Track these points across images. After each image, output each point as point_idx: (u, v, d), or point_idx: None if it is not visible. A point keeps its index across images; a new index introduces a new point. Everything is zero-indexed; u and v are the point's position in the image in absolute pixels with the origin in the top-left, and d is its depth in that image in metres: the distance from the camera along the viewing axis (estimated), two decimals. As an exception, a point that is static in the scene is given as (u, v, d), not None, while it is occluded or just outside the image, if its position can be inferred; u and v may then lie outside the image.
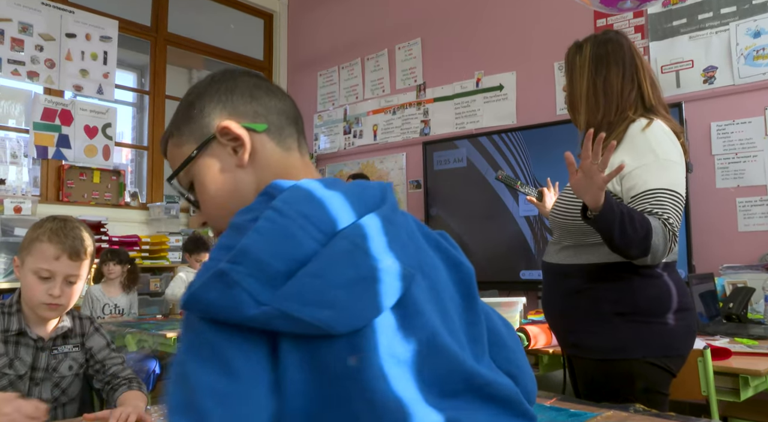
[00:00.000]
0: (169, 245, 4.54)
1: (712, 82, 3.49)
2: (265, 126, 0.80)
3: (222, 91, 0.81)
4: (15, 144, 4.18)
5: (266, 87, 0.83)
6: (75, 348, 1.63)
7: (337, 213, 0.65)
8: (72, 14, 4.58)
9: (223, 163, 0.79)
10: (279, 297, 0.59)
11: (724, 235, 3.34)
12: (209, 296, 0.59)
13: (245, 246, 0.60)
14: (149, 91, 5.19)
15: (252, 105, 0.81)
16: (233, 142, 0.79)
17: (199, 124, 0.80)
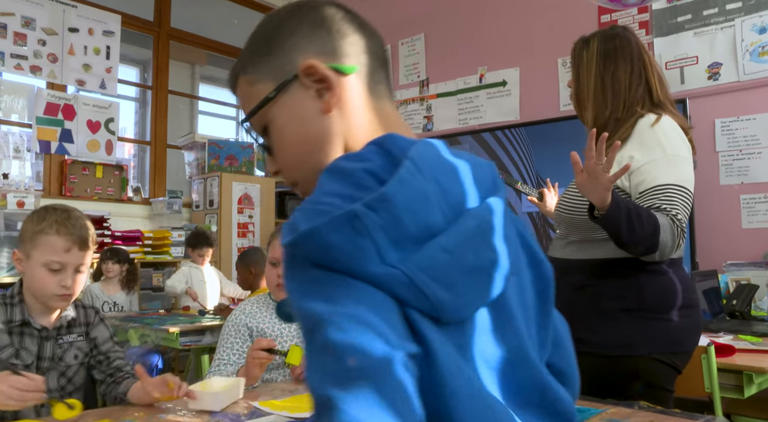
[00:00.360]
0: (172, 240, 4.54)
1: (717, 78, 3.47)
2: (355, 67, 0.69)
3: (307, 24, 0.70)
4: (18, 138, 4.18)
5: (358, 22, 0.72)
6: (79, 337, 1.63)
7: (466, 188, 0.60)
8: (75, 9, 4.57)
9: (305, 108, 0.69)
10: (409, 262, 0.53)
11: (728, 232, 3.33)
12: (331, 238, 0.51)
13: (387, 195, 0.53)
14: (152, 86, 5.18)
15: (340, 42, 0.70)
16: (318, 83, 0.68)
17: (280, 60, 0.70)
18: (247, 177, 4.98)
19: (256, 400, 1.40)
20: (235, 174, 4.91)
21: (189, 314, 3.33)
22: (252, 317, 1.78)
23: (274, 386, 1.60)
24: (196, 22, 5.48)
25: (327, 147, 0.69)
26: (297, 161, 0.72)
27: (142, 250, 4.44)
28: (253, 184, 4.95)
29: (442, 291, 0.53)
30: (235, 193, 4.82)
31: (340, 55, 0.69)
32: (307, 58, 0.68)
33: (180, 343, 2.73)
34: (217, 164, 4.91)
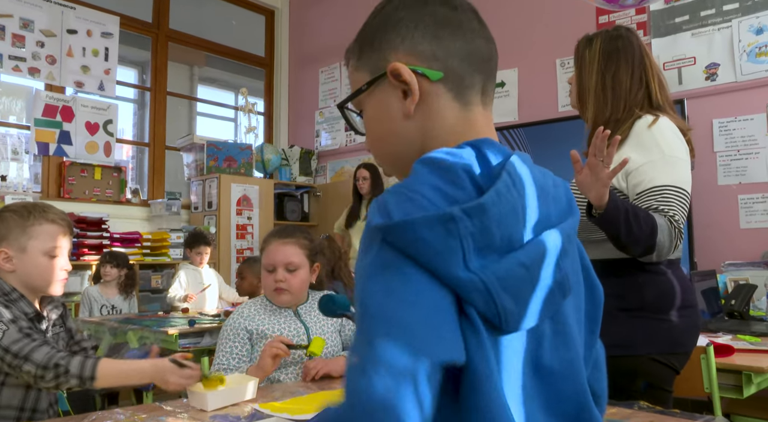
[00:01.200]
0: (171, 242, 4.54)
1: (715, 78, 3.48)
2: (440, 74, 0.69)
3: (405, 22, 0.71)
4: (16, 140, 4.18)
5: (457, 22, 0.71)
6: (61, 328, 1.69)
7: (548, 208, 0.65)
8: (73, 10, 4.57)
9: (391, 106, 0.71)
10: (488, 271, 0.56)
11: (726, 232, 3.34)
12: (425, 234, 0.55)
13: (485, 205, 0.57)
14: (150, 88, 5.18)
15: (432, 45, 0.70)
16: (404, 85, 0.69)
17: (377, 55, 0.72)
18: (245, 178, 4.98)
19: (256, 402, 1.40)
20: (234, 175, 4.91)
21: (188, 316, 3.32)
22: (251, 320, 1.78)
23: (275, 387, 1.60)
24: (194, 24, 5.48)
25: (407, 146, 0.71)
26: (380, 150, 0.76)
27: (141, 252, 4.44)
28: (251, 186, 4.95)
29: (510, 302, 0.57)
30: (234, 194, 4.82)
31: (428, 59, 0.69)
32: (398, 58, 0.70)
33: (179, 345, 2.73)
34: (215, 165, 4.91)
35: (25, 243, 1.55)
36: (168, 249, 4.53)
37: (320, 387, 1.59)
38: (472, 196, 0.59)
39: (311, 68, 5.75)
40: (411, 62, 0.69)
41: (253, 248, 4.88)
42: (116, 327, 2.95)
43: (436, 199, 0.57)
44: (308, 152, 5.56)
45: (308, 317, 1.83)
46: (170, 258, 4.53)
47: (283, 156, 5.53)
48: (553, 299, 0.62)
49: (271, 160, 5.32)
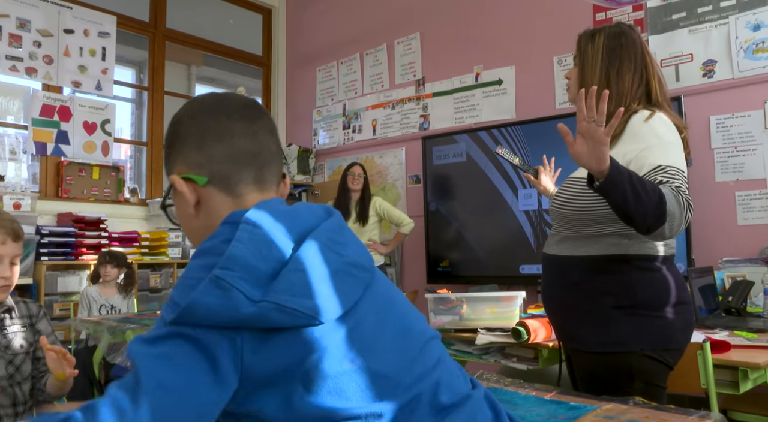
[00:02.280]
0: (169, 241, 4.55)
1: (712, 75, 3.48)
2: (205, 179, 0.82)
3: (181, 136, 0.85)
4: (13, 140, 4.18)
5: (220, 131, 0.84)
6: (23, 327, 1.69)
7: (301, 219, 0.76)
8: (70, 10, 4.57)
9: (183, 207, 0.85)
10: (271, 292, 0.66)
11: (724, 229, 3.34)
12: (208, 301, 0.65)
13: (232, 254, 0.67)
14: (148, 87, 5.18)
15: (199, 154, 0.83)
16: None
17: (170, 166, 0.86)
18: (243, 177, 4.97)
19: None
20: (232, 174, 4.91)
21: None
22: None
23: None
24: (191, 23, 5.48)
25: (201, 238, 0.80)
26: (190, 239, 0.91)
27: (139, 251, 4.44)
28: (249, 185, 4.95)
29: (308, 301, 0.68)
30: (232, 193, 4.82)
31: (196, 167, 0.83)
32: (177, 169, 0.84)
33: (178, 344, 2.74)
34: (213, 165, 4.90)
35: None
36: (166, 249, 4.54)
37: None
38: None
39: (308, 67, 5.75)
40: (184, 172, 0.83)
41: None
42: (115, 326, 2.95)
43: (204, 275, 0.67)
44: (306, 151, 5.57)
45: None
46: (169, 258, 4.53)
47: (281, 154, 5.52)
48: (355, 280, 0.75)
49: (269, 159, 5.32)
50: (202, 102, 0.87)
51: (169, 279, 4.56)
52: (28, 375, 1.68)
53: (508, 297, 2.38)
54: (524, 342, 2.19)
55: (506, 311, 2.34)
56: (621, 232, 1.50)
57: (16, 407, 1.61)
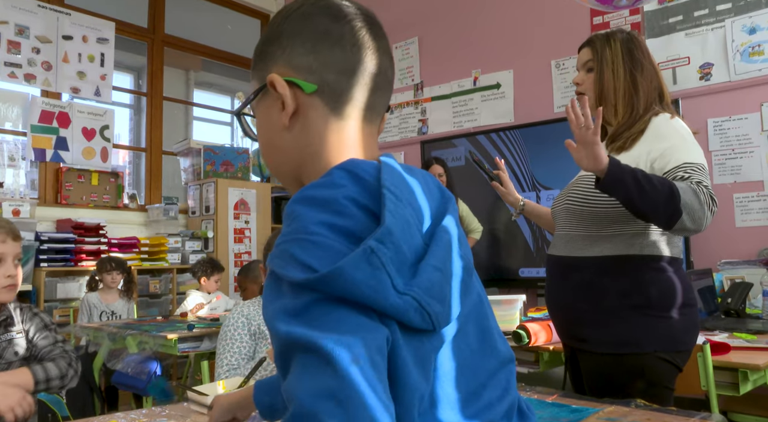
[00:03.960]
0: (168, 246, 4.54)
1: (709, 78, 3.50)
2: (314, 87, 0.69)
3: (287, 34, 0.71)
4: (12, 147, 4.18)
5: (338, 35, 0.71)
6: (19, 334, 1.66)
7: (428, 204, 0.66)
8: (69, 16, 4.58)
9: (272, 117, 0.72)
10: (415, 287, 0.57)
11: (722, 231, 3.35)
12: (356, 275, 0.55)
13: (390, 227, 0.57)
14: (147, 93, 5.19)
15: (309, 58, 0.70)
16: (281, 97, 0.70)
17: (263, 66, 0.73)
18: (243, 182, 4.98)
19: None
20: (231, 179, 4.92)
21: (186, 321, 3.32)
22: (252, 319, 1.79)
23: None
24: (189, 28, 5.49)
25: (285, 157, 0.73)
26: (265, 158, 0.77)
27: (139, 257, 4.44)
28: (249, 190, 4.96)
29: (438, 306, 0.59)
30: (231, 198, 4.82)
31: (304, 71, 0.70)
32: (277, 70, 0.71)
33: (178, 350, 2.73)
34: (212, 170, 4.92)
35: None
36: (166, 254, 4.53)
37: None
38: (362, 221, 0.59)
39: (307, 72, 5.75)
40: (287, 74, 0.70)
41: (251, 252, 4.88)
42: (115, 332, 2.95)
43: (333, 235, 0.57)
44: (305, 155, 5.57)
45: None
46: (168, 263, 4.53)
47: (279, 159, 5.53)
48: (466, 285, 0.65)
49: (268, 164, 5.32)
50: (305, 4, 0.73)
51: (169, 284, 4.56)
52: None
53: (509, 301, 2.38)
54: (525, 346, 2.19)
55: (507, 314, 2.35)
56: (634, 232, 1.51)
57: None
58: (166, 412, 1.40)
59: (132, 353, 2.94)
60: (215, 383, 1.48)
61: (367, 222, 0.59)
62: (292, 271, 0.56)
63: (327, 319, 0.54)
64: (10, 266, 1.60)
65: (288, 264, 0.57)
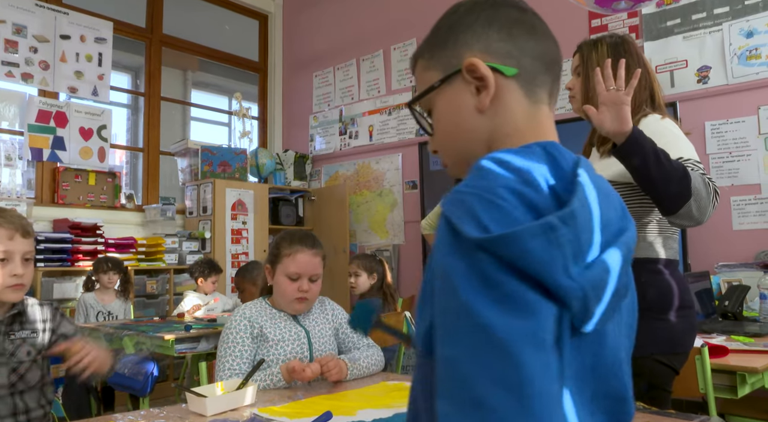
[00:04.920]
0: (165, 247, 4.54)
1: (706, 81, 3.51)
2: (515, 70, 0.72)
3: (480, 22, 0.73)
4: (9, 146, 4.17)
5: (529, 24, 0.74)
6: (33, 333, 1.62)
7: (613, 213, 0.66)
8: (66, 15, 4.57)
9: (463, 102, 0.73)
10: (584, 278, 0.56)
11: (719, 234, 3.36)
12: (530, 244, 0.54)
13: (575, 212, 0.57)
14: (144, 93, 5.18)
15: (507, 44, 0.72)
16: (477, 81, 0.72)
17: (450, 53, 0.74)
18: (240, 183, 4.97)
19: (255, 407, 1.41)
20: (229, 180, 4.91)
21: (184, 322, 3.32)
22: (254, 322, 1.78)
23: (272, 393, 1.60)
24: (188, 29, 5.49)
25: (475, 142, 0.73)
26: (447, 146, 0.77)
27: (136, 257, 4.43)
28: (246, 190, 4.95)
29: (596, 307, 0.58)
30: (229, 199, 4.82)
31: (503, 56, 0.72)
32: (474, 55, 0.72)
33: (175, 351, 2.73)
34: (210, 170, 4.91)
35: None
36: (163, 255, 4.53)
37: (324, 391, 1.60)
38: (548, 200, 0.59)
39: (305, 73, 5.76)
40: (485, 59, 0.71)
41: (249, 252, 4.87)
42: (112, 333, 2.94)
43: (517, 203, 0.57)
44: (303, 156, 5.57)
45: (307, 321, 1.84)
46: (165, 264, 4.52)
47: (277, 160, 5.53)
48: (616, 301, 0.63)
49: (266, 165, 5.32)
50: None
51: (165, 285, 4.55)
52: (35, 384, 1.62)
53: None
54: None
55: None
56: None
57: (17, 416, 1.56)
58: (164, 413, 1.40)
59: (129, 354, 2.93)
60: (213, 384, 1.47)
61: (552, 203, 0.59)
62: (468, 227, 0.56)
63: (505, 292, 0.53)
64: (16, 265, 1.54)
65: (465, 217, 0.57)
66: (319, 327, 1.85)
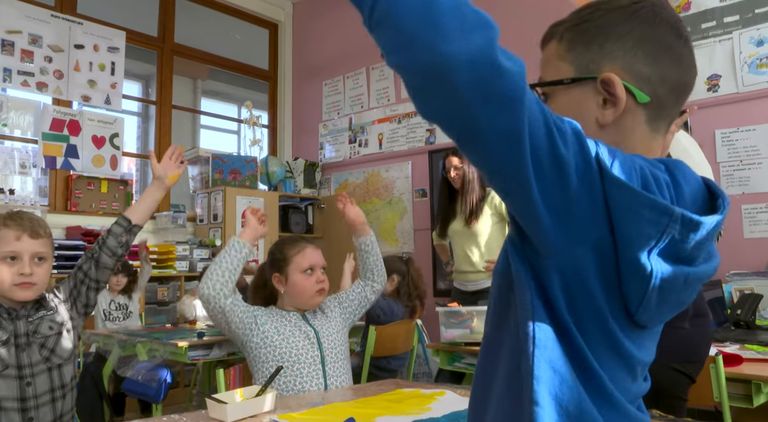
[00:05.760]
0: (177, 254, 4.56)
1: (716, 90, 3.52)
2: (647, 99, 0.70)
3: (633, 37, 0.71)
4: (24, 154, 4.22)
5: (678, 52, 0.71)
6: (50, 311, 1.68)
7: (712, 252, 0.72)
8: (80, 25, 4.62)
9: (586, 108, 0.72)
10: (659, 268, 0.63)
11: (731, 242, 3.36)
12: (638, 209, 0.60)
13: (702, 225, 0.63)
14: (156, 101, 5.23)
15: (650, 69, 0.70)
16: (609, 96, 0.70)
17: (591, 57, 0.72)
18: (250, 191, 5.00)
19: (275, 413, 1.42)
20: (239, 188, 4.94)
21: (196, 329, 3.33)
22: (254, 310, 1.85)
23: (289, 400, 1.62)
24: (198, 38, 5.54)
25: None
26: None
27: (147, 264, 4.45)
28: (256, 198, 4.98)
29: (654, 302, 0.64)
30: (239, 206, 4.85)
31: (641, 80, 0.70)
32: (614, 70, 0.70)
33: (189, 357, 2.74)
34: (220, 178, 4.94)
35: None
36: (174, 262, 4.55)
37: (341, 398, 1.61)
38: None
39: (315, 81, 5.80)
40: (624, 78, 0.70)
41: (259, 260, 4.89)
42: (125, 339, 2.96)
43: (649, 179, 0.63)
44: (312, 164, 5.60)
45: (315, 321, 1.88)
46: (176, 271, 4.55)
47: (287, 168, 5.57)
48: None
49: (276, 173, 5.35)
50: (653, 9, 0.72)
51: (176, 292, 4.57)
52: (68, 356, 1.67)
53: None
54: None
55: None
56: None
57: (54, 392, 1.61)
58: (184, 420, 1.42)
59: (142, 360, 2.95)
60: (233, 391, 1.49)
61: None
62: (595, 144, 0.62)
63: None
64: (24, 264, 1.57)
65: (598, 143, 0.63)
66: (327, 325, 1.89)
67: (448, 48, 0.54)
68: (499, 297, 0.70)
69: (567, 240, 0.61)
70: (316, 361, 1.79)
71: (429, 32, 0.54)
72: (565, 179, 0.58)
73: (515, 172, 0.58)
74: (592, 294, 0.63)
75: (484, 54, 0.56)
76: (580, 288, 0.62)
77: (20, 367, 1.56)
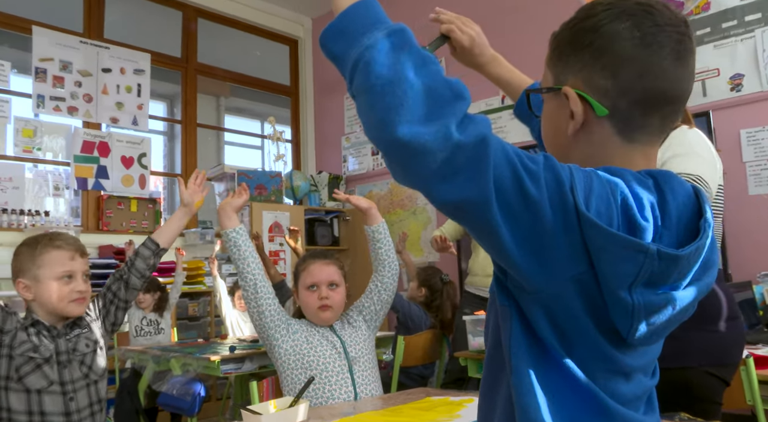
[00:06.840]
0: (205, 270, 4.64)
1: (740, 89, 3.49)
2: (605, 112, 0.70)
3: (593, 51, 0.71)
4: (57, 176, 4.35)
5: (644, 62, 0.69)
6: (84, 329, 1.78)
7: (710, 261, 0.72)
8: (107, 50, 4.77)
9: (559, 119, 0.75)
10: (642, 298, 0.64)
11: (760, 242, 3.31)
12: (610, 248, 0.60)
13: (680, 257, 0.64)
14: (181, 120, 5.34)
15: (608, 82, 0.70)
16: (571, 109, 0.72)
17: (562, 70, 0.75)
18: (276, 205, 5.07)
19: (306, 423, 1.45)
20: (265, 203, 5.01)
21: (227, 343, 3.39)
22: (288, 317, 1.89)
23: (321, 410, 1.65)
24: (220, 56, 5.65)
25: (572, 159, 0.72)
26: (548, 145, 0.80)
27: (178, 281, 4.54)
28: (282, 213, 5.05)
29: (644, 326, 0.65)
30: (266, 221, 4.91)
31: (599, 93, 0.71)
32: (574, 82, 0.72)
33: (221, 371, 2.80)
34: (246, 194, 5.01)
35: (36, 272, 1.68)
36: (203, 278, 4.63)
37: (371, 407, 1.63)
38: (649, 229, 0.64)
39: (336, 95, 5.87)
40: (580, 87, 0.72)
41: (287, 273, 4.95)
42: (159, 355, 3.03)
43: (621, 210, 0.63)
44: (336, 177, 5.66)
45: (343, 332, 1.91)
46: (206, 287, 4.62)
47: (311, 182, 5.63)
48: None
49: (301, 187, 5.42)
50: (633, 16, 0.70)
51: (207, 307, 4.65)
52: (102, 372, 1.78)
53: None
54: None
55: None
56: None
57: (92, 406, 1.71)
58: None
59: (176, 375, 3.01)
60: (267, 402, 1.53)
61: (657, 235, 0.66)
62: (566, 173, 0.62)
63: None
64: (79, 282, 1.70)
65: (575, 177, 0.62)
66: (354, 336, 1.92)
67: (408, 133, 0.56)
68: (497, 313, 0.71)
69: (546, 277, 0.62)
70: (344, 370, 1.83)
71: (392, 117, 0.57)
72: (539, 219, 0.59)
73: (482, 222, 0.60)
74: (580, 323, 0.64)
75: (444, 137, 0.57)
76: (568, 317, 0.64)
77: (63, 383, 1.65)
